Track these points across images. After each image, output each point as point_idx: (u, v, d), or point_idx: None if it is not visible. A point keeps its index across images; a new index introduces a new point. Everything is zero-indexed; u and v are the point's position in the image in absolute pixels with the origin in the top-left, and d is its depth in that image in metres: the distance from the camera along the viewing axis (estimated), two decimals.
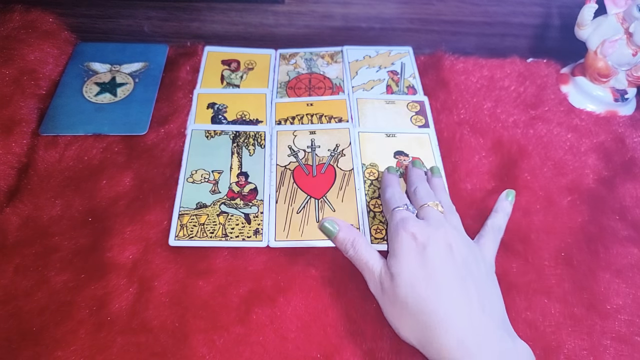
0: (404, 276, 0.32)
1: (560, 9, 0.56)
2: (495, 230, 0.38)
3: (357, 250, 0.36)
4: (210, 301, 0.37)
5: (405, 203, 0.38)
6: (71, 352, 0.34)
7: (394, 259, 0.34)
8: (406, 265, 0.33)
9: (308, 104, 0.52)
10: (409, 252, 0.33)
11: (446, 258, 0.33)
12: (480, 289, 0.32)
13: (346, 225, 0.37)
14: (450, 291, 0.32)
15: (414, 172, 0.42)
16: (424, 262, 0.33)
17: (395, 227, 0.35)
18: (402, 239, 0.34)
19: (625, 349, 0.36)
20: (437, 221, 0.35)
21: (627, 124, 0.51)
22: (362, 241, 0.36)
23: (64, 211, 0.42)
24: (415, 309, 0.31)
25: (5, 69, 0.48)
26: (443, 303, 0.31)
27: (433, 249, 0.33)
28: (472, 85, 0.53)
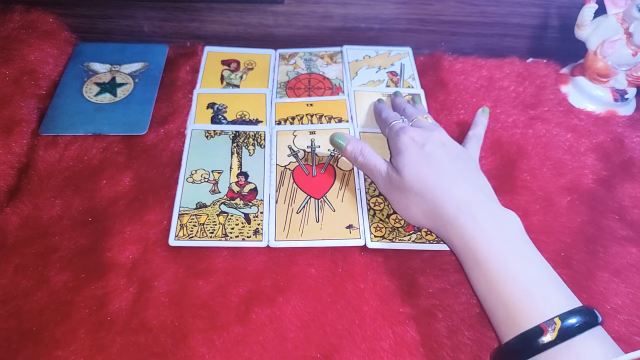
0: (409, 167, 0.38)
1: (559, 9, 0.56)
2: (477, 138, 0.45)
3: (366, 157, 0.41)
4: (209, 301, 0.37)
5: (401, 118, 0.44)
6: (71, 352, 0.34)
7: (399, 156, 0.39)
8: (409, 159, 0.39)
9: (308, 104, 0.52)
10: (411, 149, 0.39)
11: (441, 151, 0.39)
12: (471, 174, 0.39)
13: (353, 138, 0.43)
14: (448, 172, 0.38)
15: (398, 99, 0.49)
16: (424, 154, 0.39)
17: (396, 134, 0.41)
18: (402, 140, 0.40)
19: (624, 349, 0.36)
20: (430, 126, 0.42)
21: (626, 125, 0.51)
22: (369, 149, 0.42)
23: (63, 211, 0.42)
24: (421, 190, 0.37)
25: (5, 69, 0.48)
26: (443, 181, 0.37)
27: (430, 146, 0.39)
28: (471, 85, 0.53)
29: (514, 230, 0.35)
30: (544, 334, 0.29)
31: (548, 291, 0.32)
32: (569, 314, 0.29)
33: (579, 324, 0.29)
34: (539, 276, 0.32)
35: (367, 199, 0.43)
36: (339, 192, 0.44)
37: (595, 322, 0.30)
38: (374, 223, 0.41)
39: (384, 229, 0.41)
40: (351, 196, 0.43)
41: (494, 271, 0.33)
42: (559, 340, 0.29)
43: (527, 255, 0.34)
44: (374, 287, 0.38)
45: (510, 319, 0.31)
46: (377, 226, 0.41)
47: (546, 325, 0.29)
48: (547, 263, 0.34)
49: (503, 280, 0.32)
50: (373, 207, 0.43)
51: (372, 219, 0.42)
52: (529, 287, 0.31)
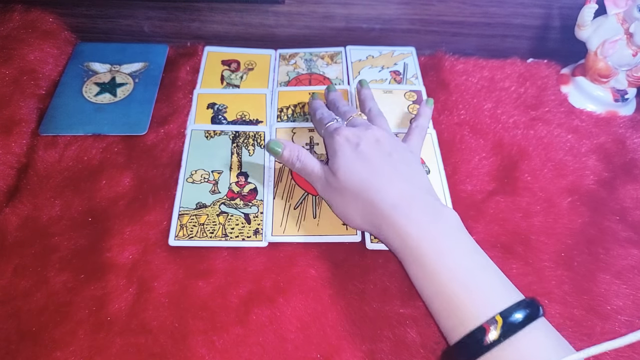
0: (344, 168, 0.38)
1: (560, 10, 0.56)
2: (420, 129, 0.44)
3: (303, 161, 0.41)
4: (209, 302, 0.37)
5: (335, 118, 0.43)
6: (70, 353, 0.34)
7: (334, 158, 0.39)
8: (344, 160, 0.38)
9: (310, 92, 0.52)
10: (344, 150, 0.39)
11: (375, 149, 0.39)
12: (407, 170, 0.38)
13: (289, 143, 0.42)
14: (382, 170, 0.37)
15: (332, 94, 0.49)
16: (357, 155, 0.38)
17: (330, 136, 0.41)
18: (336, 141, 0.40)
19: (625, 350, 0.36)
20: (364, 125, 0.41)
21: (628, 126, 0.51)
22: (306, 152, 0.42)
23: (63, 211, 0.42)
24: (357, 190, 0.37)
25: (5, 69, 0.47)
26: (377, 180, 0.37)
27: (364, 145, 0.39)
28: (473, 86, 0.53)
29: (451, 225, 0.35)
30: (486, 333, 0.29)
31: (488, 285, 0.32)
32: (510, 310, 0.29)
33: (522, 319, 0.29)
34: (479, 269, 0.32)
35: None
36: None
37: (537, 314, 0.30)
38: None
39: None
40: None
41: (433, 266, 0.33)
42: (502, 338, 0.29)
43: (466, 249, 0.34)
44: (375, 288, 0.38)
45: (453, 316, 0.31)
46: None
47: (488, 324, 0.29)
48: (488, 257, 0.34)
49: (442, 275, 0.32)
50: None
51: None
52: (468, 281, 0.31)
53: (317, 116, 0.45)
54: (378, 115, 0.44)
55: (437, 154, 0.47)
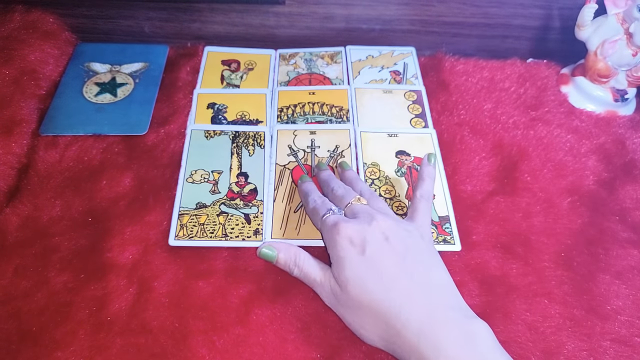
0: (353, 282, 0.33)
1: (560, 10, 0.56)
2: (427, 199, 0.39)
3: (302, 268, 0.36)
4: (210, 302, 0.37)
5: (330, 208, 0.38)
6: (70, 353, 0.34)
7: (339, 267, 0.34)
8: (351, 271, 0.33)
9: (310, 92, 0.52)
10: (351, 257, 0.33)
11: (386, 251, 0.33)
12: (427, 274, 0.33)
13: (285, 246, 0.37)
14: (398, 284, 0.32)
15: (323, 174, 0.43)
16: (367, 263, 0.33)
17: (330, 234, 0.35)
18: (339, 244, 0.34)
19: (625, 351, 0.36)
20: (366, 216, 0.36)
21: (628, 126, 0.51)
22: (305, 257, 0.37)
23: (63, 211, 0.42)
24: (371, 310, 0.32)
25: (5, 69, 0.48)
26: (395, 296, 0.31)
27: (372, 248, 0.33)
28: (473, 86, 0.53)
29: (485, 345, 0.30)
30: None
31: None
32: None
33: None
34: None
35: None
36: None
37: None
38: None
39: None
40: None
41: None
42: None
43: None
44: None
45: None
46: None
47: None
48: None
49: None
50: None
51: None
52: None
53: (309, 204, 0.39)
54: (372, 197, 0.39)
55: (437, 154, 0.47)
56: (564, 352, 0.35)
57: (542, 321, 0.37)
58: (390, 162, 0.46)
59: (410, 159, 0.46)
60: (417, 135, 0.48)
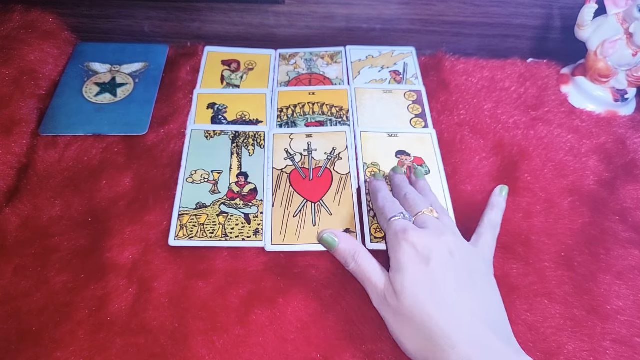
0: (410, 292, 0.32)
1: (561, 10, 0.56)
2: (493, 227, 0.39)
3: (360, 264, 0.35)
4: (210, 302, 0.37)
5: (402, 212, 0.37)
6: (70, 353, 0.34)
7: (398, 273, 0.33)
8: (411, 281, 0.32)
9: (310, 92, 0.52)
10: (413, 265, 0.33)
11: (449, 268, 0.33)
12: (485, 301, 0.33)
13: (346, 237, 0.37)
14: (456, 306, 0.31)
15: (397, 177, 0.42)
16: (428, 276, 0.32)
17: (396, 238, 0.34)
18: (404, 250, 0.33)
19: (625, 351, 0.36)
20: (436, 229, 0.35)
21: (628, 126, 0.51)
22: (364, 253, 0.36)
23: (63, 211, 0.42)
24: (421, 324, 0.31)
25: (5, 69, 0.47)
26: (449, 319, 0.31)
27: (436, 261, 0.33)
28: (473, 86, 0.53)
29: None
30: None
31: None
32: None
33: None
34: None
35: (368, 200, 0.43)
36: (335, 196, 0.43)
37: None
38: (374, 224, 0.41)
39: None
40: (348, 200, 0.43)
41: None
42: None
43: None
44: None
45: None
46: (377, 227, 0.41)
47: None
48: None
49: None
50: (373, 209, 0.42)
51: (372, 220, 0.42)
52: None
53: (379, 201, 0.39)
54: (443, 213, 0.38)
55: (437, 154, 0.47)
56: (565, 353, 0.35)
57: (543, 321, 0.37)
58: (390, 162, 0.46)
59: (410, 159, 0.46)
60: (417, 135, 0.48)
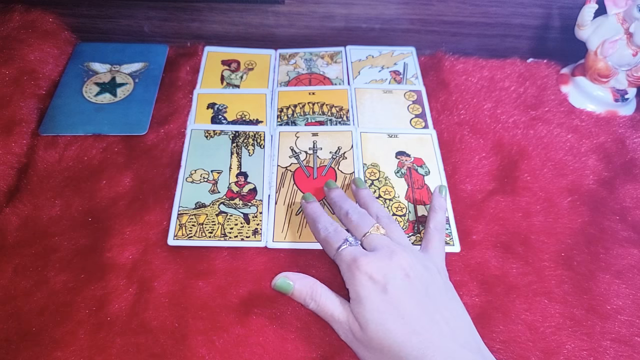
0: (374, 323, 0.32)
1: (560, 9, 0.56)
2: (439, 230, 0.39)
3: (319, 303, 0.35)
4: (210, 302, 0.37)
5: (346, 238, 0.36)
6: (70, 353, 0.34)
7: (359, 306, 0.33)
8: (372, 312, 0.32)
9: (310, 92, 0.52)
10: (372, 296, 0.32)
11: (408, 290, 0.32)
12: (449, 316, 0.32)
13: (301, 278, 0.36)
14: (423, 329, 0.31)
15: (334, 193, 0.41)
16: (388, 303, 0.32)
17: (349, 269, 0.34)
18: (359, 281, 0.33)
19: (625, 350, 0.36)
20: (387, 249, 0.34)
21: (628, 125, 0.51)
22: (322, 291, 0.35)
23: (63, 211, 0.42)
24: (392, 352, 0.31)
25: (5, 69, 0.48)
26: (417, 342, 0.31)
27: (393, 286, 0.32)
28: (473, 86, 0.53)
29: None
30: None
31: None
32: None
33: None
34: None
35: None
36: None
37: None
38: None
39: None
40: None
41: None
42: None
43: None
44: None
45: None
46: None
47: None
48: None
49: None
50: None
51: None
52: None
53: (320, 233, 0.37)
54: (390, 223, 0.38)
55: (437, 154, 0.47)
56: (564, 352, 0.35)
57: (542, 321, 0.37)
58: (390, 163, 0.46)
59: (410, 160, 0.46)
60: (417, 135, 0.48)
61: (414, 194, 0.44)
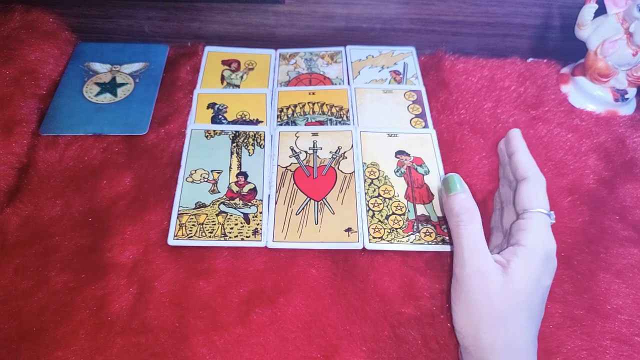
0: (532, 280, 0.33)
1: (560, 9, 0.56)
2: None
3: (467, 225, 0.34)
4: (210, 301, 0.37)
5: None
6: (71, 353, 0.34)
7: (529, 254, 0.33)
8: (533, 269, 0.33)
9: (310, 92, 0.52)
10: (540, 266, 0.33)
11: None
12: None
13: (469, 194, 0.36)
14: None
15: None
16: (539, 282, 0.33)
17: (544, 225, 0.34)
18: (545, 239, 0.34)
19: (625, 350, 0.36)
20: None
21: (628, 125, 0.51)
22: (478, 219, 0.34)
23: (64, 211, 0.42)
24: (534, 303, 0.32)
25: (5, 69, 0.48)
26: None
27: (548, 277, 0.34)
28: (473, 85, 0.53)
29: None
30: None
31: None
32: None
33: None
34: None
35: (367, 200, 0.43)
36: (339, 195, 0.43)
37: None
38: (373, 224, 0.41)
39: (383, 230, 0.41)
40: (351, 199, 0.43)
41: None
42: None
43: None
44: (375, 288, 0.38)
45: None
46: (376, 227, 0.41)
47: None
48: None
49: None
50: (372, 208, 0.42)
51: (370, 220, 0.42)
52: None
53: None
54: None
55: (437, 154, 0.47)
56: (564, 352, 0.35)
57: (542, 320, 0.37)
58: (390, 162, 0.46)
59: (410, 159, 0.46)
60: (417, 135, 0.48)
61: (413, 193, 0.44)
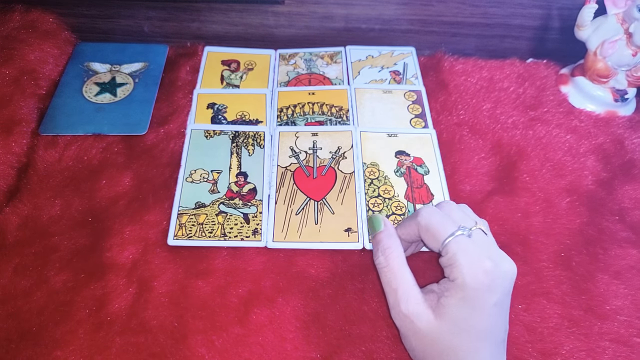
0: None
1: (560, 10, 0.56)
2: None
3: (390, 263, 0.33)
4: (209, 301, 0.37)
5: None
6: (70, 352, 0.34)
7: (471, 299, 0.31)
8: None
9: (310, 92, 0.52)
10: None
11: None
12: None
13: (392, 230, 0.35)
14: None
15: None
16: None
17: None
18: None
19: (623, 351, 0.36)
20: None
21: (626, 126, 0.51)
22: (400, 255, 0.33)
23: (63, 211, 0.42)
24: None
25: (5, 69, 0.48)
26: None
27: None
28: (472, 86, 0.53)
29: None
30: None
31: None
32: None
33: None
34: None
35: (367, 200, 0.43)
36: (338, 195, 0.44)
37: None
38: None
39: None
40: (351, 199, 0.43)
41: None
42: None
43: None
44: (374, 288, 0.38)
45: None
46: None
47: None
48: None
49: None
50: (372, 208, 0.42)
51: None
52: None
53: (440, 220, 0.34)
54: None
55: (437, 154, 0.47)
56: (562, 353, 0.35)
57: (541, 321, 0.37)
58: (390, 162, 0.46)
59: (410, 159, 0.46)
60: (417, 135, 0.48)
61: (413, 193, 0.44)
